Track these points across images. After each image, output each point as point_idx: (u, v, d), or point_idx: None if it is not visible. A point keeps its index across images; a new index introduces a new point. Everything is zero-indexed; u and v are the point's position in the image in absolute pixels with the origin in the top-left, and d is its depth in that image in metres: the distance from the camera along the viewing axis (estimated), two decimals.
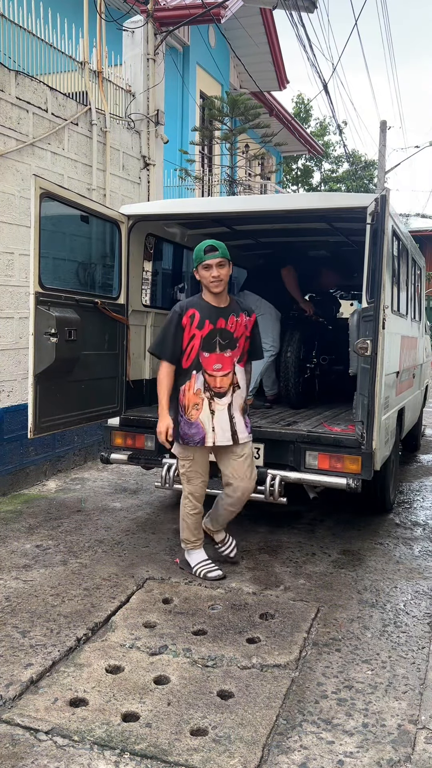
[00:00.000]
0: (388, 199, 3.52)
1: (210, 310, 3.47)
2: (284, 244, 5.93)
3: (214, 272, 3.40)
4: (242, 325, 3.52)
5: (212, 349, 3.44)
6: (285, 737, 2.28)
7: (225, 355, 3.46)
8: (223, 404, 3.46)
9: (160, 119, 7.52)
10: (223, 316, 3.47)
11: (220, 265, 3.41)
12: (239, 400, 3.52)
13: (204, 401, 3.45)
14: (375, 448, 3.63)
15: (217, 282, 3.41)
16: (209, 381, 3.44)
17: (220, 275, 3.40)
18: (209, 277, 3.41)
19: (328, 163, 30.74)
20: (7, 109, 5.20)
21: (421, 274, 6.69)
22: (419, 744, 2.26)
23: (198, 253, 3.43)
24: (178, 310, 3.48)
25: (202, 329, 3.43)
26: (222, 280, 3.42)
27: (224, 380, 3.45)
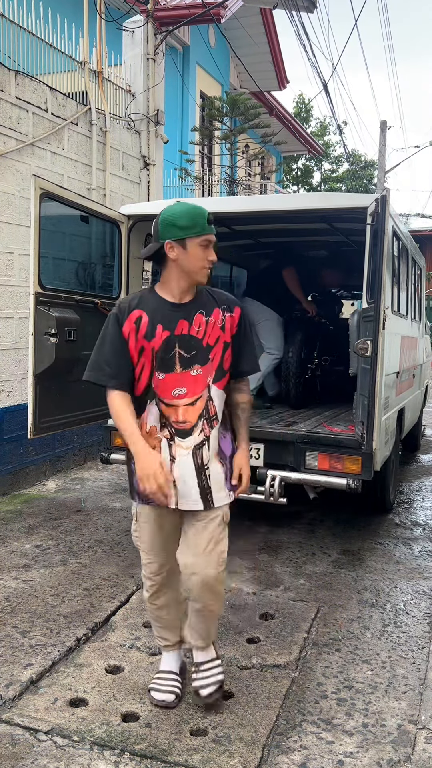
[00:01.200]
0: (388, 199, 3.52)
1: (164, 308, 2.27)
2: (284, 245, 5.92)
3: (214, 256, 2.26)
4: (216, 327, 2.30)
5: (170, 366, 2.25)
6: (285, 737, 2.28)
7: (190, 374, 2.26)
8: (187, 447, 2.28)
9: (160, 119, 7.52)
10: (185, 315, 2.27)
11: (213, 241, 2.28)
12: (217, 438, 2.33)
13: (161, 443, 2.28)
14: (375, 449, 3.63)
15: (209, 269, 2.30)
16: (167, 413, 2.27)
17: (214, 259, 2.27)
18: (205, 259, 2.23)
19: (328, 163, 30.74)
20: (7, 108, 5.20)
21: (421, 274, 6.69)
22: (419, 744, 2.26)
23: (195, 218, 2.20)
24: (117, 313, 2.29)
25: (152, 339, 2.24)
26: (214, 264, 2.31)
27: (189, 411, 2.26)
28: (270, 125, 12.73)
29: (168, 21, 7.99)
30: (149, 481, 2.17)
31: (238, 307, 2.37)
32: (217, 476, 2.33)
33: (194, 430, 2.27)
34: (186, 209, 2.19)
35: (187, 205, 2.22)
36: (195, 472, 2.28)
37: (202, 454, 2.29)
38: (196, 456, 2.28)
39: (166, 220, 2.19)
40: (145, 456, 2.20)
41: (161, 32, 7.63)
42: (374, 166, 25.80)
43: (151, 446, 2.25)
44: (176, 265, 2.23)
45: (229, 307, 2.35)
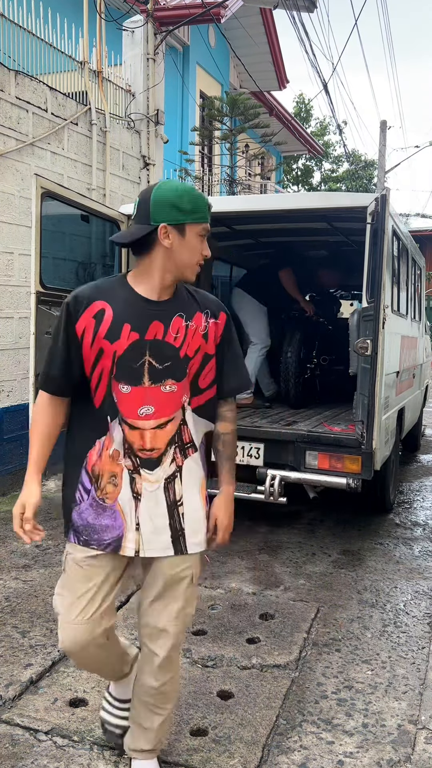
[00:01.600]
0: (388, 199, 3.52)
1: (136, 304, 1.80)
2: (282, 244, 5.92)
3: (207, 248, 1.86)
4: (198, 335, 1.85)
5: (136, 378, 1.78)
6: (285, 737, 2.28)
7: (161, 390, 1.80)
8: (156, 480, 1.83)
9: (160, 119, 7.52)
10: (162, 316, 1.80)
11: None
12: (195, 474, 1.90)
13: (123, 473, 1.83)
14: (375, 448, 3.63)
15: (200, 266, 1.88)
16: (130, 438, 1.81)
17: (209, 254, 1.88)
18: (200, 253, 1.83)
19: (329, 163, 30.75)
20: (7, 108, 5.20)
21: (421, 274, 6.68)
22: (419, 744, 2.26)
23: (197, 201, 1.78)
24: (71, 302, 1.82)
25: (117, 340, 1.76)
26: None
27: (158, 436, 1.81)
28: (270, 125, 12.73)
29: (168, 21, 7.99)
30: (14, 520, 1.85)
31: (223, 313, 1.93)
32: (193, 514, 1.88)
33: (164, 458, 1.81)
34: (187, 189, 1.77)
35: (185, 185, 1.81)
36: (167, 509, 1.84)
37: (175, 488, 1.84)
38: (168, 490, 1.84)
39: (166, 199, 1.73)
40: (24, 488, 1.88)
41: (161, 32, 7.63)
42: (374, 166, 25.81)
43: (112, 474, 1.82)
44: (167, 255, 1.76)
45: (213, 312, 1.90)
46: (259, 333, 5.43)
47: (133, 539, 1.84)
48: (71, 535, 1.87)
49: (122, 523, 1.83)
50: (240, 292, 5.56)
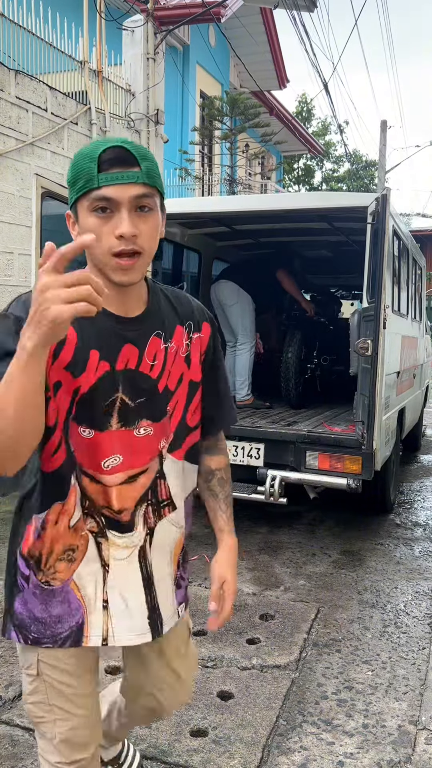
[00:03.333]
0: (388, 199, 3.52)
1: (104, 322, 1.27)
2: (280, 244, 5.91)
3: (125, 224, 1.17)
4: (179, 358, 1.40)
5: (102, 420, 1.30)
6: (285, 738, 2.27)
7: (134, 434, 1.34)
8: (127, 546, 1.39)
9: (160, 119, 7.52)
10: (135, 338, 1.32)
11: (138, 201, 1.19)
12: (171, 534, 1.48)
13: (88, 542, 1.37)
14: (375, 449, 3.62)
15: (128, 255, 1.20)
16: (91, 493, 1.34)
17: (139, 233, 1.19)
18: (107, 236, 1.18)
19: (330, 163, 30.77)
20: (7, 108, 5.19)
21: (421, 274, 6.68)
22: (419, 745, 2.25)
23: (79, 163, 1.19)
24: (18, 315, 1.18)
25: (82, 373, 1.26)
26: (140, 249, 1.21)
27: (124, 493, 1.36)
28: (270, 124, 12.74)
29: (168, 20, 7.99)
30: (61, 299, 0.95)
31: (207, 323, 1.44)
32: (168, 590, 1.48)
33: (135, 522, 1.38)
34: (77, 153, 1.20)
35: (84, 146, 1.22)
36: (143, 583, 1.41)
37: (146, 556, 1.41)
38: (142, 561, 1.41)
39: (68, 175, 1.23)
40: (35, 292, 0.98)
41: (161, 32, 7.63)
42: (375, 166, 25.82)
43: (69, 548, 1.34)
44: (86, 255, 1.22)
45: (195, 323, 1.42)
46: (250, 331, 5.25)
47: (99, 624, 1.37)
48: (14, 631, 1.38)
49: (80, 605, 1.36)
50: (229, 285, 5.24)
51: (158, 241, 1.27)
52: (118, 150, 1.17)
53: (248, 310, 5.28)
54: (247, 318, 5.27)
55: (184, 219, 5.11)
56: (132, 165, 1.17)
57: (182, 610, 1.55)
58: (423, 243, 8.09)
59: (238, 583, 3.54)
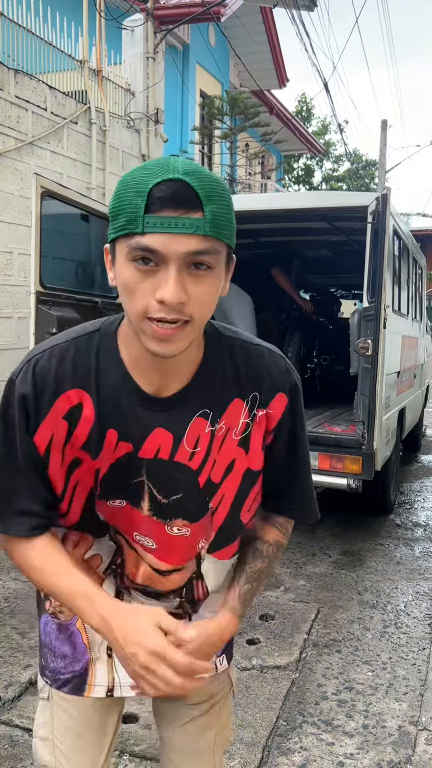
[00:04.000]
0: (388, 199, 3.51)
1: (128, 399, 1.00)
2: (280, 244, 5.91)
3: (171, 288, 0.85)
4: (232, 443, 1.05)
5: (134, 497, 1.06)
6: (285, 738, 2.27)
7: (165, 530, 1.08)
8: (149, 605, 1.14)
9: (160, 118, 7.51)
10: (169, 421, 1.01)
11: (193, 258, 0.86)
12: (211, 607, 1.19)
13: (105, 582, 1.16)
14: (376, 449, 3.62)
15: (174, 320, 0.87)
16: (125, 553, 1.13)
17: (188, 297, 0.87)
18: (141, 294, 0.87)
19: (330, 162, 30.77)
20: (7, 108, 5.19)
21: (421, 274, 6.68)
22: (420, 745, 2.25)
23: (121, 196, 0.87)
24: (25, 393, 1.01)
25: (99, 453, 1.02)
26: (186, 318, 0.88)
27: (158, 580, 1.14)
28: (270, 124, 12.73)
29: (168, 20, 7.98)
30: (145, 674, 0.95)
31: (283, 394, 1.10)
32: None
33: (162, 599, 1.17)
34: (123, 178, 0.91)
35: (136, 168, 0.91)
36: None
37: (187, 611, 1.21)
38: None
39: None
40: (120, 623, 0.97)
41: (161, 31, 7.62)
42: (375, 165, 25.82)
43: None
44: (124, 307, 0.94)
45: (264, 395, 1.07)
46: (251, 331, 5.30)
47: (104, 672, 1.18)
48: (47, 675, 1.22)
49: (85, 650, 1.17)
50: (234, 286, 5.38)
51: (214, 307, 0.94)
52: (177, 185, 0.84)
53: (248, 310, 5.29)
54: (247, 318, 5.27)
55: None
56: (193, 208, 0.85)
57: (221, 662, 1.31)
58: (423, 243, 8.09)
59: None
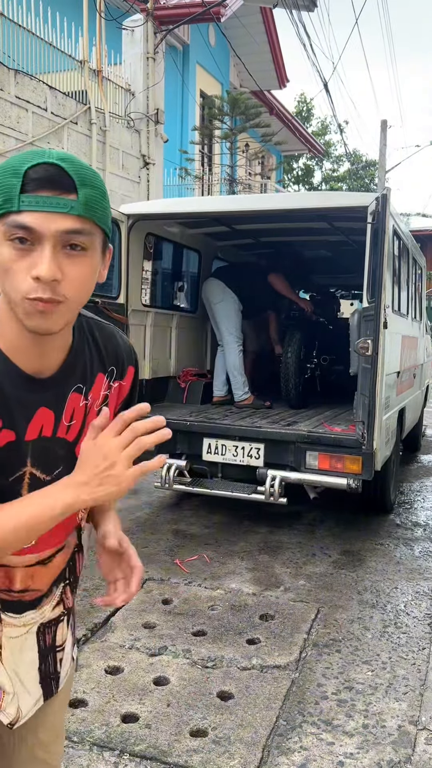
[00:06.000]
0: (388, 199, 3.51)
1: (12, 382, 0.99)
2: (279, 244, 5.91)
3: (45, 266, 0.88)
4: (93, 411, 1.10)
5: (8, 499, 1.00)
6: (285, 738, 2.27)
7: None
8: (25, 624, 1.16)
9: (160, 118, 7.52)
10: (51, 400, 1.04)
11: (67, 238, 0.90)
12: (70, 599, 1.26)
13: None
14: (375, 449, 3.62)
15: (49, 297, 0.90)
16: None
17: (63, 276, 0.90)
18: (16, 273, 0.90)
19: (330, 163, 30.77)
20: (7, 108, 5.19)
21: (421, 274, 6.68)
22: (419, 745, 2.25)
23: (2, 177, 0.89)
24: None
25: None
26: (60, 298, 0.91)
27: (38, 575, 1.14)
28: (270, 124, 12.74)
29: (168, 20, 7.99)
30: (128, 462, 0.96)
31: (132, 366, 1.20)
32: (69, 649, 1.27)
33: (44, 601, 1.17)
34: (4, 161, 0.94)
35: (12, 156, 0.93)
36: (39, 655, 1.20)
37: (56, 633, 1.22)
38: (43, 635, 1.20)
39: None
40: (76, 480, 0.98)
41: (161, 31, 7.63)
42: (375, 166, 25.82)
43: None
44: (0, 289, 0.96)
45: (119, 369, 1.16)
46: (236, 330, 5.28)
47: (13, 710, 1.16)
48: None
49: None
50: (216, 283, 5.29)
51: (91, 290, 0.97)
52: (52, 168, 0.88)
53: (233, 309, 5.30)
54: (232, 317, 5.29)
55: (184, 219, 5.11)
56: (66, 190, 0.89)
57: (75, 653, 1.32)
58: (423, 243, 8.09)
59: (238, 584, 3.54)
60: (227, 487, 4.15)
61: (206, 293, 5.35)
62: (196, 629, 3.02)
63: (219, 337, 5.39)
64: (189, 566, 3.76)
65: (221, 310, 5.27)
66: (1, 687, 1.14)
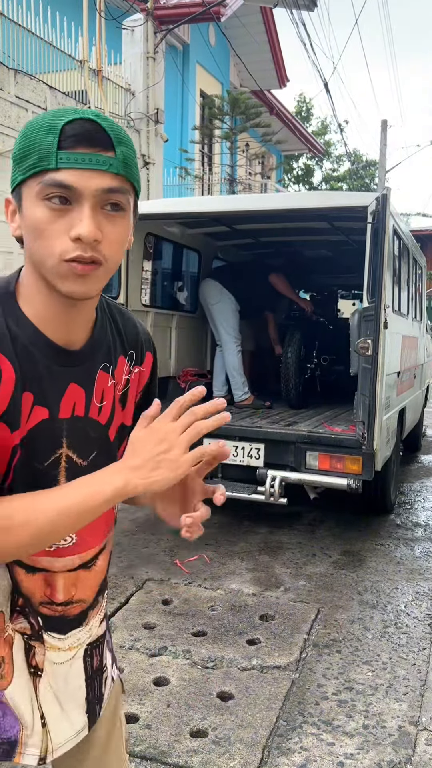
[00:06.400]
0: (388, 198, 3.51)
1: (42, 355, 0.93)
2: (279, 244, 5.90)
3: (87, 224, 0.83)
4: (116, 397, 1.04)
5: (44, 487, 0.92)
6: (285, 739, 2.27)
7: None
8: (68, 649, 1.05)
9: (160, 118, 7.51)
10: (81, 375, 0.98)
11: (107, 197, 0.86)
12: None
13: (13, 646, 1.00)
14: (376, 449, 3.62)
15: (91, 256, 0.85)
16: (27, 587, 0.99)
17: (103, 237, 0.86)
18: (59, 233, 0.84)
19: (330, 162, 30.77)
20: (6, 107, 5.19)
21: (421, 274, 6.67)
22: (420, 745, 2.25)
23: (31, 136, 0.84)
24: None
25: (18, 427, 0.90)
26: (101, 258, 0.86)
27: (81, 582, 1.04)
28: (270, 124, 12.73)
29: (168, 19, 7.99)
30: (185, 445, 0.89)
31: (150, 353, 1.13)
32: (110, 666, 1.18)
33: (89, 614, 1.07)
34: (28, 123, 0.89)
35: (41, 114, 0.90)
36: (86, 681, 1.10)
37: (102, 654, 1.13)
38: (89, 658, 1.10)
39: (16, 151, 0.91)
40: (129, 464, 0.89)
41: (161, 31, 7.63)
42: (375, 165, 25.81)
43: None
44: (26, 256, 0.92)
45: (138, 354, 1.10)
46: (234, 330, 5.28)
47: (36, 742, 1.04)
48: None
49: (15, 722, 1.02)
50: (213, 284, 5.28)
51: (124, 253, 0.94)
52: (89, 124, 0.84)
53: (230, 310, 5.30)
54: (230, 317, 5.29)
55: (184, 219, 5.10)
56: (105, 147, 0.84)
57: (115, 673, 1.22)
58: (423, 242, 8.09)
59: (238, 584, 3.54)
60: (227, 488, 4.15)
61: (203, 294, 5.36)
62: (196, 629, 3.02)
63: (217, 337, 5.39)
64: (189, 566, 3.76)
65: (219, 311, 5.28)
66: (19, 720, 1.02)
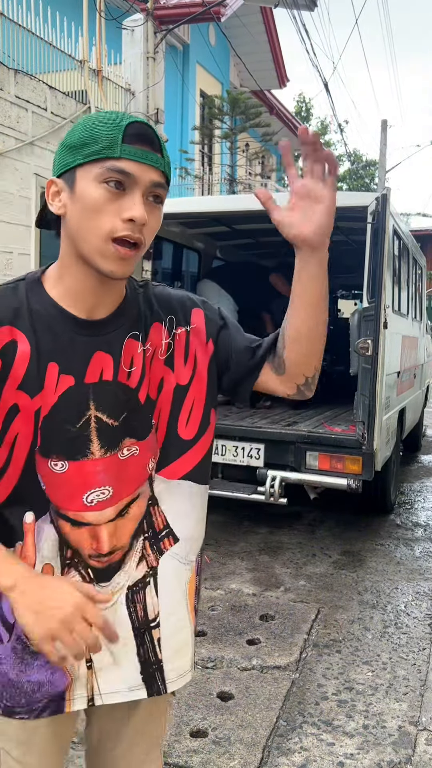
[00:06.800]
0: (388, 198, 3.51)
1: (64, 328, 1.05)
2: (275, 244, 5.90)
3: (139, 207, 0.97)
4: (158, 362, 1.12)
5: (79, 448, 1.05)
6: (285, 739, 2.27)
7: (118, 457, 1.08)
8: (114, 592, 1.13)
9: (160, 118, 7.51)
10: (106, 343, 1.07)
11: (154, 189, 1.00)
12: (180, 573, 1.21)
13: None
14: (376, 449, 3.62)
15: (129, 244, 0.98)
16: (75, 540, 1.09)
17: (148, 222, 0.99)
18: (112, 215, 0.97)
19: None
20: (6, 107, 5.19)
21: (421, 274, 6.67)
22: (420, 745, 2.25)
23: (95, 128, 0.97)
24: None
25: (38, 392, 1.03)
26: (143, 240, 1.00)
27: (118, 530, 1.11)
28: (270, 124, 12.74)
29: (168, 19, 7.99)
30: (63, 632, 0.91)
31: (197, 308, 1.18)
32: (178, 635, 1.22)
33: (126, 560, 1.13)
34: (84, 118, 1.03)
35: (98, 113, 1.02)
36: (133, 633, 1.14)
37: (145, 601, 1.15)
38: (133, 604, 1.14)
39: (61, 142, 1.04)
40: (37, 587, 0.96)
41: (161, 31, 7.63)
42: (375, 165, 25.82)
43: None
44: (65, 232, 1.05)
45: (179, 317, 1.15)
46: None
47: (83, 684, 1.12)
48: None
49: (64, 676, 1.10)
50: (210, 284, 5.27)
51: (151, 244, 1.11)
52: (144, 127, 1.00)
53: (229, 311, 5.25)
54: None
55: (184, 219, 5.10)
56: (156, 149, 1.01)
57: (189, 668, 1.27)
58: (423, 242, 8.09)
59: (238, 584, 3.54)
60: (227, 488, 4.15)
61: (200, 295, 5.33)
62: (196, 630, 3.01)
63: None
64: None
65: None
66: (68, 673, 1.11)
